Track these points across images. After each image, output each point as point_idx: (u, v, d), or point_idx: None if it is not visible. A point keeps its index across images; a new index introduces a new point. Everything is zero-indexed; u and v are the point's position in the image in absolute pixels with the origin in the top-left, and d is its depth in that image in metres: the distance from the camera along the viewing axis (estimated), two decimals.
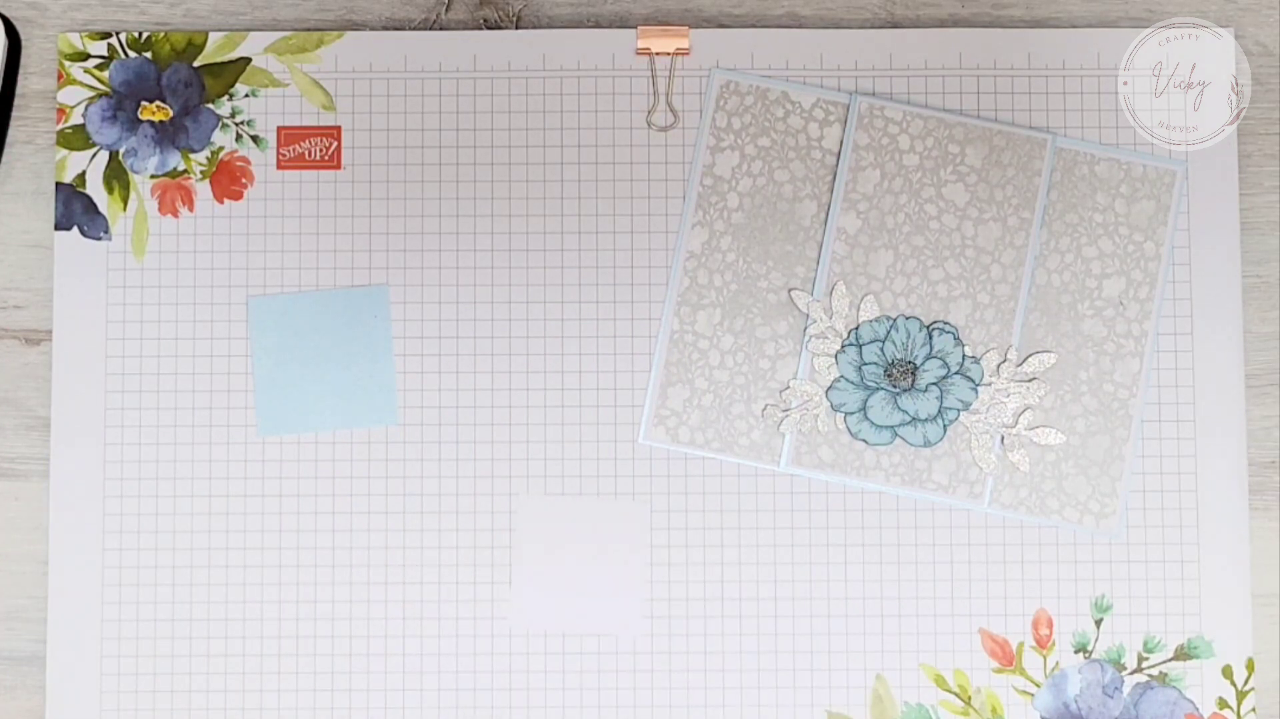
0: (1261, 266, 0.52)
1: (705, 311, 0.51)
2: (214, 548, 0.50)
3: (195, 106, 0.51)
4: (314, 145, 0.51)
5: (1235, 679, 0.50)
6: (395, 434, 0.51)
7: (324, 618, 0.50)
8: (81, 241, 0.51)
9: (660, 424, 0.51)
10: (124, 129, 0.51)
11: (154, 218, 0.51)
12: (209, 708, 0.50)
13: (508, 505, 0.51)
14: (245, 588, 0.50)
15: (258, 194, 0.51)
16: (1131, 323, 0.51)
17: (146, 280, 0.51)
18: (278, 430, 0.51)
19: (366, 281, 0.51)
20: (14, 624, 0.50)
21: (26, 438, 0.51)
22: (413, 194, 0.51)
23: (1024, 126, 0.51)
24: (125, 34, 0.52)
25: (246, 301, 0.51)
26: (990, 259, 0.51)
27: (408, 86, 0.52)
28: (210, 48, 0.52)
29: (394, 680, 0.50)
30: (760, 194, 0.51)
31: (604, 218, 0.51)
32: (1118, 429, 0.50)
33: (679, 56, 0.52)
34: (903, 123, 0.51)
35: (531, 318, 0.51)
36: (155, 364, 0.51)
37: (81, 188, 0.51)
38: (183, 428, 0.51)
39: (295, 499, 0.50)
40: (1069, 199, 0.51)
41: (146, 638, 0.50)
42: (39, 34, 0.52)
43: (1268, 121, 0.52)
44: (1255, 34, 0.53)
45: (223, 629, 0.50)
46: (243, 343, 0.51)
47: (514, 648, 0.50)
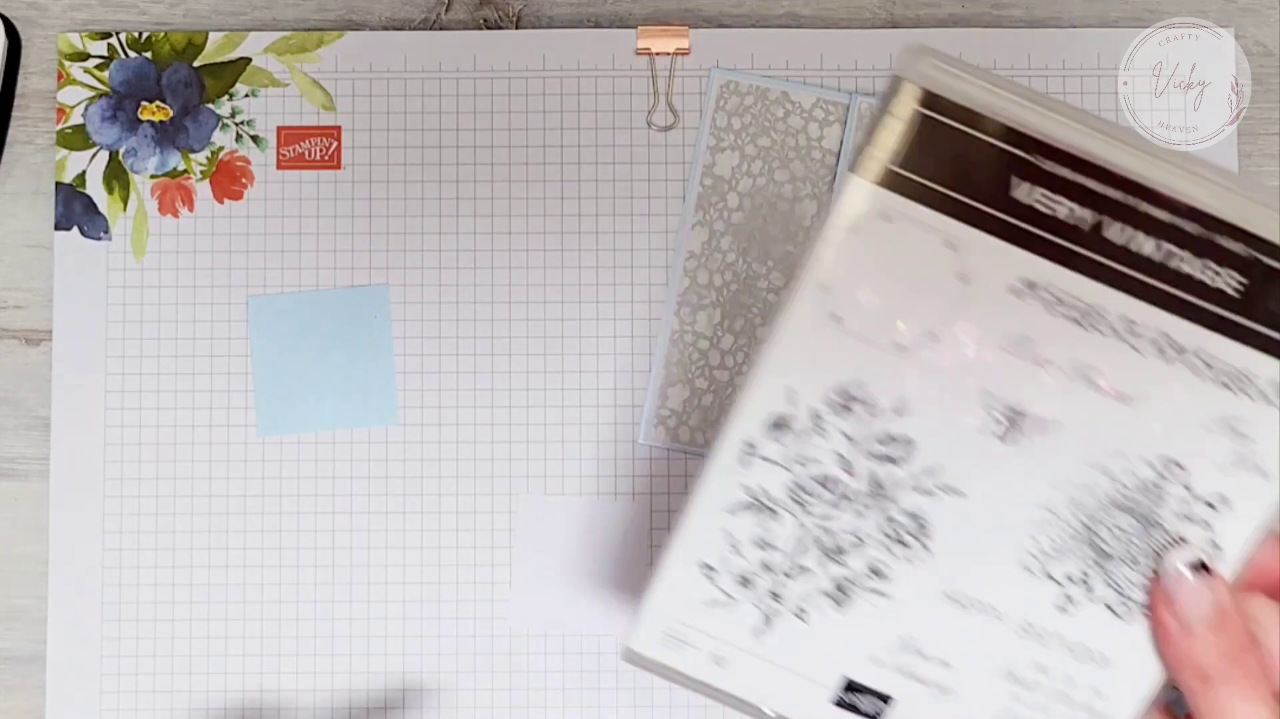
0: None
1: (705, 312, 0.51)
2: (214, 548, 0.50)
3: (195, 106, 0.51)
4: (314, 145, 0.52)
5: None
6: (395, 434, 0.51)
7: (324, 618, 0.50)
8: (81, 242, 0.51)
9: (660, 424, 0.51)
10: (124, 129, 0.51)
11: (154, 218, 0.51)
12: (209, 709, 0.50)
13: (508, 505, 0.51)
14: (245, 588, 0.50)
15: (258, 194, 0.51)
16: None
17: (146, 280, 0.51)
18: (277, 431, 0.51)
19: (366, 281, 0.51)
20: (14, 625, 0.50)
21: (26, 438, 0.51)
22: (413, 194, 0.51)
23: None
24: (125, 34, 0.52)
25: (246, 301, 0.51)
26: None
27: (407, 86, 0.52)
28: (210, 48, 0.52)
29: (394, 681, 0.50)
30: (760, 194, 0.51)
31: (604, 218, 0.51)
32: None
33: (679, 56, 0.52)
34: None
35: (531, 318, 0.51)
36: (155, 364, 0.51)
37: (81, 188, 0.51)
38: (182, 428, 0.51)
39: (295, 499, 0.50)
40: None
41: (146, 638, 0.50)
42: (39, 34, 0.52)
43: (1268, 121, 0.52)
44: (1255, 34, 0.53)
45: (223, 629, 0.50)
46: (242, 343, 0.51)
47: (514, 648, 0.50)
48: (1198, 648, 0.33)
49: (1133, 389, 0.33)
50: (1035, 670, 0.35)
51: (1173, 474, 0.33)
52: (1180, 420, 0.33)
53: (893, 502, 0.34)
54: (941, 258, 0.32)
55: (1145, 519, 0.34)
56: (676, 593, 0.36)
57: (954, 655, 0.35)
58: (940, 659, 0.35)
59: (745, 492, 0.35)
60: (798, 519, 0.35)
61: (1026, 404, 0.33)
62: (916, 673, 0.35)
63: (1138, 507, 0.34)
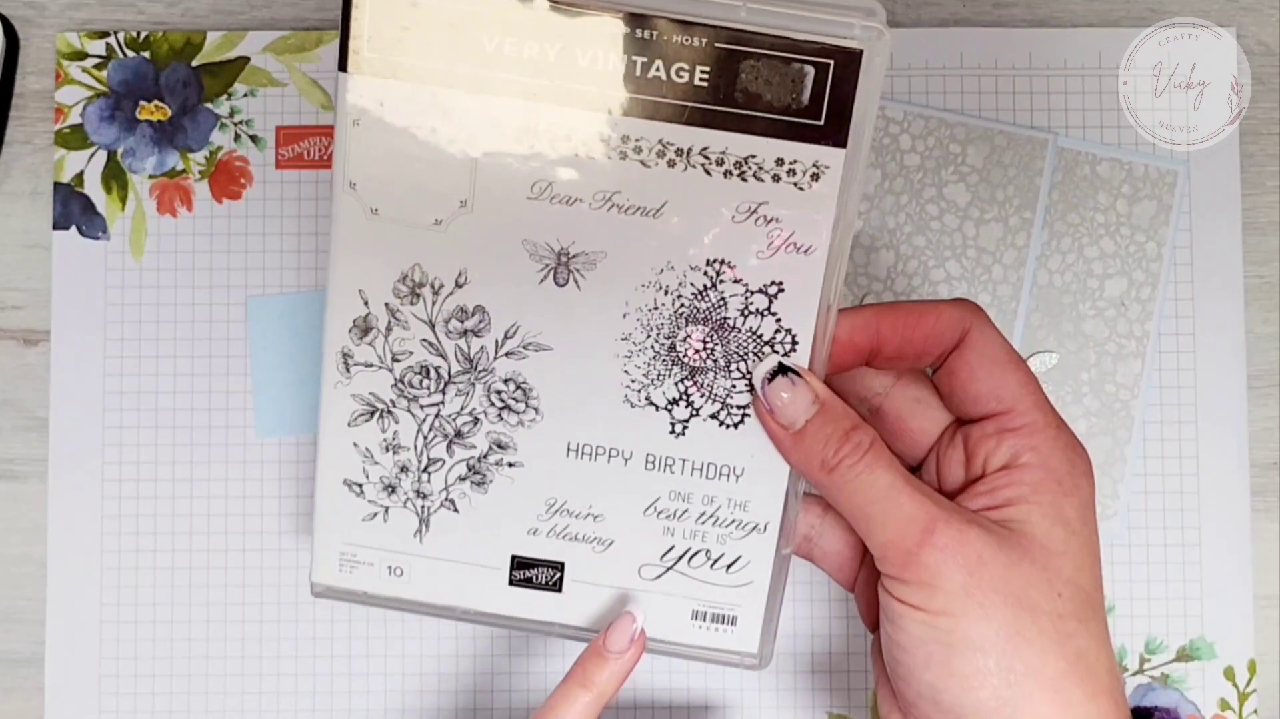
0: (1263, 267, 0.52)
1: None
2: (213, 549, 0.50)
3: (194, 106, 0.51)
4: (313, 145, 0.51)
5: (1237, 681, 0.50)
6: None
7: (323, 619, 0.50)
8: (80, 242, 0.51)
9: None
10: (122, 129, 0.51)
11: (152, 218, 0.51)
12: (208, 709, 0.50)
13: None
14: (245, 589, 0.50)
15: (256, 194, 0.51)
16: (1133, 323, 0.51)
17: (145, 280, 0.51)
18: (276, 432, 0.50)
19: None
20: (12, 626, 0.50)
21: (25, 439, 0.51)
22: None
23: (1025, 126, 0.51)
24: (123, 33, 0.51)
25: (246, 302, 0.51)
26: (992, 259, 0.51)
27: None
28: (209, 47, 0.51)
29: (394, 683, 0.50)
30: None
31: None
32: (1119, 430, 0.50)
33: None
34: (903, 123, 0.51)
35: None
36: (154, 364, 0.51)
37: (79, 188, 0.51)
38: (181, 428, 0.50)
39: (295, 500, 0.50)
40: (1070, 199, 0.51)
41: (146, 639, 0.50)
42: (37, 33, 0.52)
43: (1269, 121, 0.52)
44: (1256, 34, 0.52)
45: (222, 630, 0.50)
46: (241, 343, 0.51)
47: (513, 648, 0.50)
48: (810, 443, 0.34)
49: (652, 201, 0.34)
50: (676, 499, 0.36)
51: (722, 274, 0.34)
52: (707, 220, 0.34)
53: (489, 372, 0.36)
54: (441, 127, 0.33)
55: (717, 324, 0.35)
56: (334, 516, 0.38)
57: (599, 506, 0.37)
58: (589, 513, 0.37)
59: (358, 401, 0.36)
60: (412, 414, 0.36)
61: (568, 243, 0.34)
62: (573, 532, 0.37)
63: (704, 313, 0.35)
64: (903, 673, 0.34)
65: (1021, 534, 0.33)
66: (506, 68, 0.32)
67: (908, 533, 0.33)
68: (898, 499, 0.33)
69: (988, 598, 0.32)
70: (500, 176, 0.34)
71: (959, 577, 0.33)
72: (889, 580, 0.34)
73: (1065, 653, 0.33)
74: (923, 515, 0.33)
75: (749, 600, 0.37)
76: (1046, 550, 0.33)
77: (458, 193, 0.34)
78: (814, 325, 0.35)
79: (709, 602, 0.37)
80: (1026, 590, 0.33)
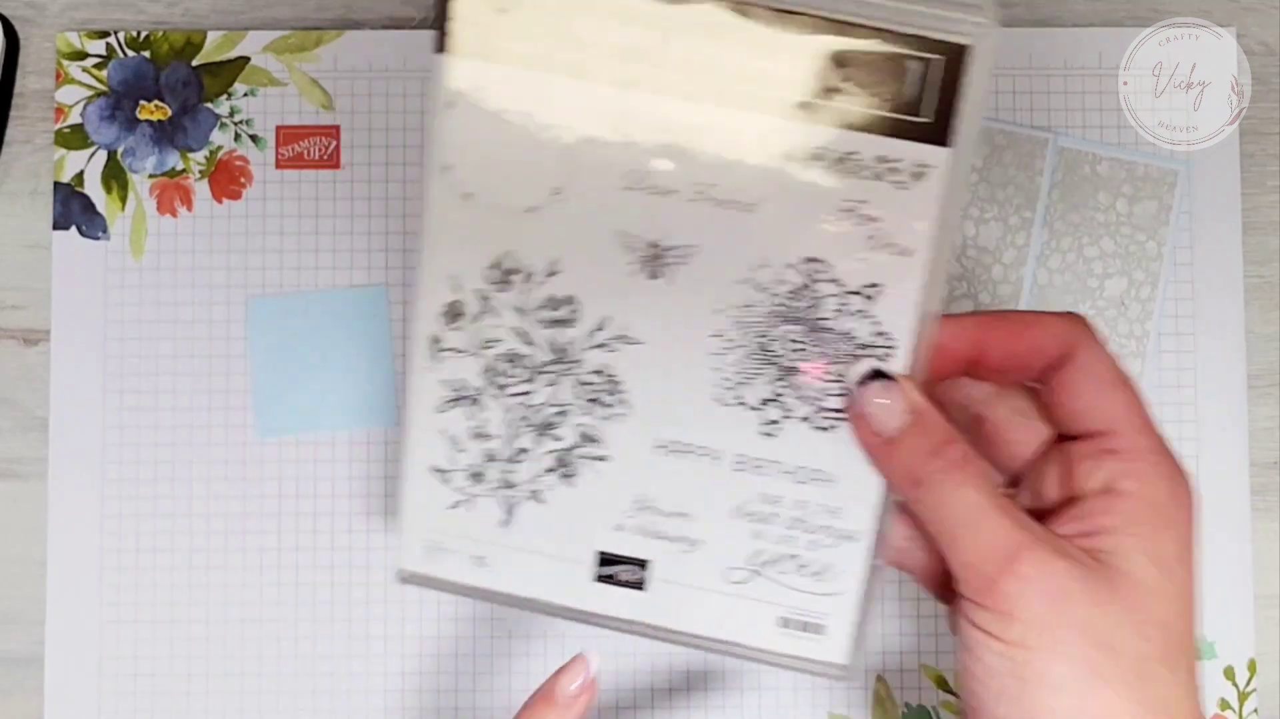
0: (1264, 267, 0.52)
1: None
2: (213, 549, 0.50)
3: (194, 106, 0.51)
4: (313, 145, 0.51)
5: (1237, 680, 0.50)
6: (395, 434, 0.50)
7: (324, 619, 0.50)
8: (80, 241, 0.51)
9: None
10: (122, 128, 0.51)
11: (152, 217, 0.51)
12: (209, 709, 0.50)
13: None
14: (244, 589, 0.50)
15: (256, 194, 0.51)
16: (1133, 323, 0.51)
17: (145, 280, 0.51)
18: (276, 432, 0.50)
19: (365, 281, 0.51)
20: (11, 627, 0.50)
21: (24, 439, 0.51)
22: (412, 194, 0.51)
23: (1025, 126, 0.51)
24: (123, 33, 0.51)
25: (245, 302, 0.51)
26: (992, 259, 0.51)
27: (407, 86, 0.51)
28: (209, 47, 0.51)
29: (394, 683, 0.50)
30: None
31: None
32: None
33: None
34: None
35: None
36: (154, 364, 0.51)
37: (80, 187, 0.51)
38: (181, 428, 0.50)
39: (295, 499, 0.50)
40: (1071, 199, 0.51)
41: (146, 639, 0.50)
42: (37, 33, 0.52)
43: (1269, 121, 0.52)
44: (1256, 33, 0.52)
45: (222, 631, 0.50)
46: (241, 343, 0.51)
47: (514, 649, 0.50)
48: (903, 455, 0.33)
49: (749, 196, 0.33)
50: (766, 503, 0.35)
51: (818, 272, 0.33)
52: (805, 216, 0.33)
53: (578, 363, 0.35)
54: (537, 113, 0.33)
55: (811, 324, 0.34)
56: (421, 504, 0.37)
57: (688, 505, 0.36)
58: (677, 512, 0.36)
59: (446, 387, 0.36)
60: (500, 402, 0.36)
61: (661, 236, 0.33)
62: (660, 530, 0.36)
63: (799, 313, 0.34)
64: (975, 703, 0.32)
65: (1112, 568, 0.31)
66: (605, 54, 0.32)
67: (990, 558, 0.31)
68: (984, 522, 0.32)
69: (1066, 634, 0.31)
70: (595, 165, 0.33)
71: (1039, 608, 0.31)
72: (967, 605, 0.32)
73: (1145, 700, 0.31)
74: (1008, 542, 0.31)
75: (839, 610, 0.36)
76: (1138, 589, 0.31)
77: (552, 180, 0.33)
78: (912, 330, 0.33)
79: (798, 609, 0.36)
80: (1110, 630, 0.31)
